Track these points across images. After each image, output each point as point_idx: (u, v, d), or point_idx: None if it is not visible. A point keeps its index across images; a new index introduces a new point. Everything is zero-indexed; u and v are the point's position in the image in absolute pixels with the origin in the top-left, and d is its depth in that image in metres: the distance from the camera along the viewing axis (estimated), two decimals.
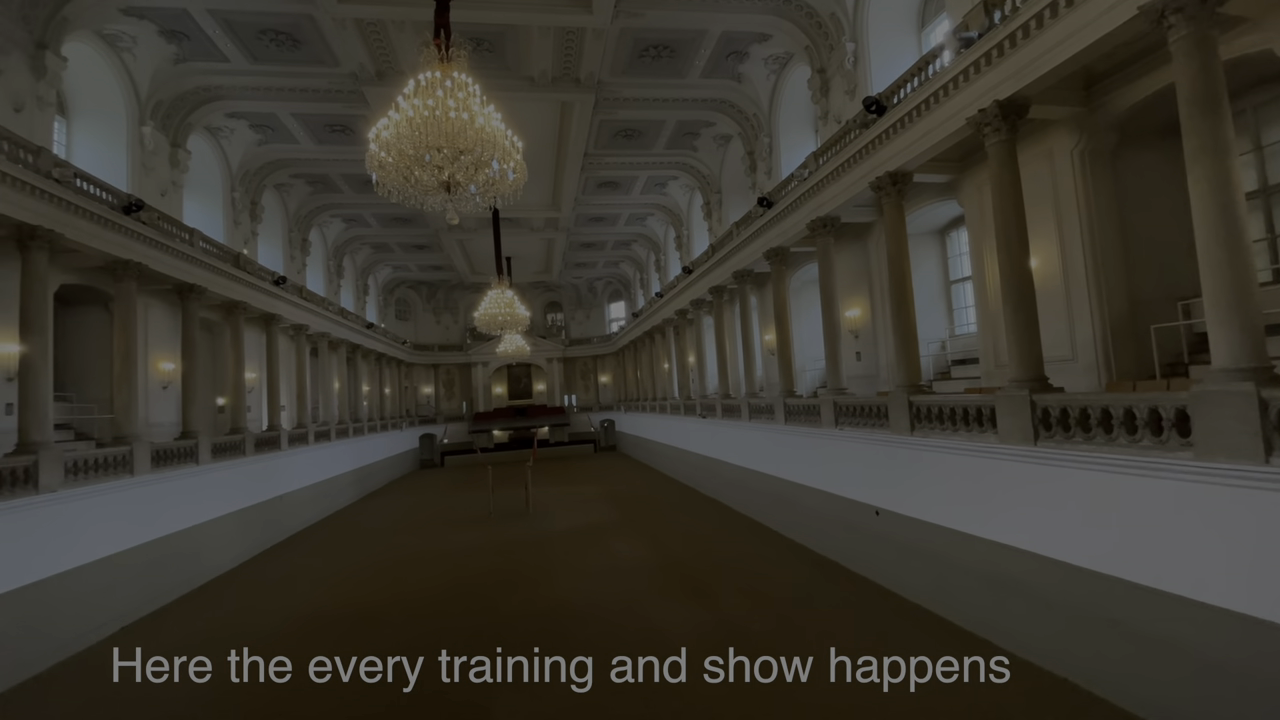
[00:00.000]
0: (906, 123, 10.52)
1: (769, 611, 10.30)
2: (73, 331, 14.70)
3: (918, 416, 10.28)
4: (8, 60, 12.71)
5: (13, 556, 9.45)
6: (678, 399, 26.97)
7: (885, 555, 11.13)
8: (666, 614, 10.34)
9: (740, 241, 18.20)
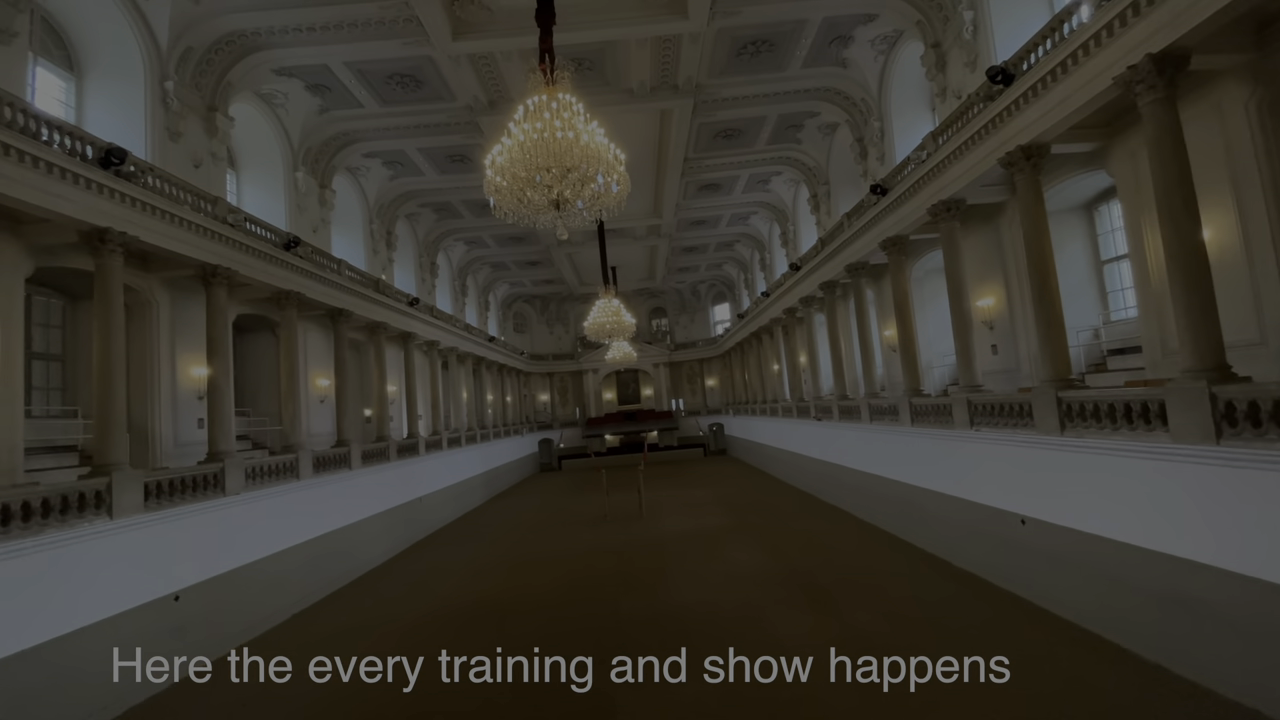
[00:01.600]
0: (1040, 90, 9.51)
1: (900, 624, 9.65)
2: (248, 355, 16.96)
3: (1068, 414, 9.20)
4: (187, 124, 14.94)
5: (207, 550, 11.03)
6: (789, 401, 26.17)
7: (1035, 568, 10.04)
8: (787, 623, 10.01)
9: (852, 233, 17.33)
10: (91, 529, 8.73)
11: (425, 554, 18.41)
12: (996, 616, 9.67)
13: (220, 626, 10.92)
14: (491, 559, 16.78)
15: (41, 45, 12.60)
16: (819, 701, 7.37)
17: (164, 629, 9.73)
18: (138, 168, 10.66)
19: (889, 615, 10.06)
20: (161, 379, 13.07)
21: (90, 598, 8.60)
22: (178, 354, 13.57)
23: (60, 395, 12.06)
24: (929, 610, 10.18)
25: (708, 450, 43.15)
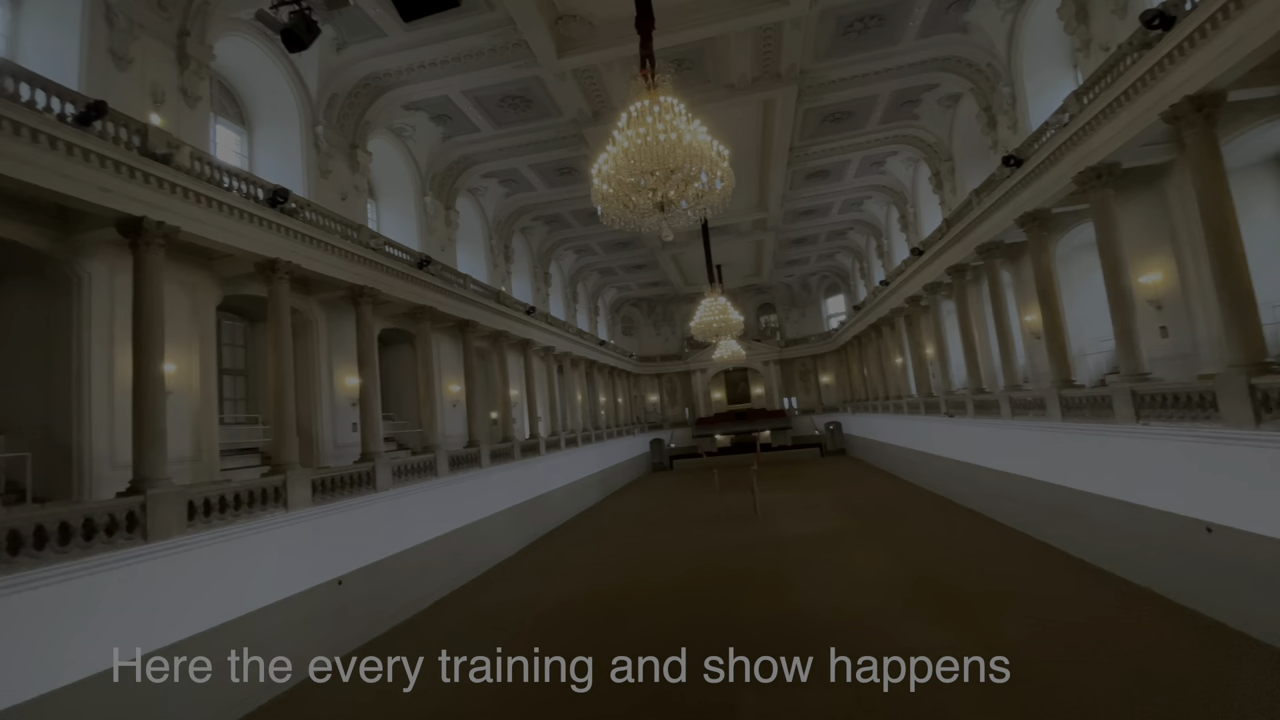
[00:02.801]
0: (1209, 30, 8.24)
1: (1048, 638, 8.72)
2: (390, 365, 18.73)
3: (1265, 404, 7.85)
4: (334, 162, 16.78)
5: (363, 540, 12.29)
6: (915, 396, 24.52)
7: (1226, 584, 8.66)
8: (919, 632, 9.40)
9: (983, 210, 15.92)
10: (272, 520, 10.06)
11: (549, 549, 19.30)
12: (1176, 637, 8.44)
13: (375, 609, 12.14)
14: (611, 556, 17.24)
15: (219, 105, 14.74)
16: (954, 717, 6.83)
17: (330, 610, 10.98)
18: (298, 204, 12.15)
19: (1035, 627, 9.14)
20: (322, 388, 14.78)
21: (272, 579, 9.90)
22: (334, 366, 15.28)
23: (244, 405, 14.01)
24: (1086, 626, 9.09)
25: (825, 450, 41.50)
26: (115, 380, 9.71)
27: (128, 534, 7.81)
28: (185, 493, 8.73)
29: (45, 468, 9.18)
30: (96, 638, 7.19)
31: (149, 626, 7.79)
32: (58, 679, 6.71)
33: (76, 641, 6.97)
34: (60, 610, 6.88)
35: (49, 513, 7.09)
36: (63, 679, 6.75)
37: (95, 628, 7.20)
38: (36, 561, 6.72)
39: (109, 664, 7.23)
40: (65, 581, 6.94)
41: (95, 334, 9.71)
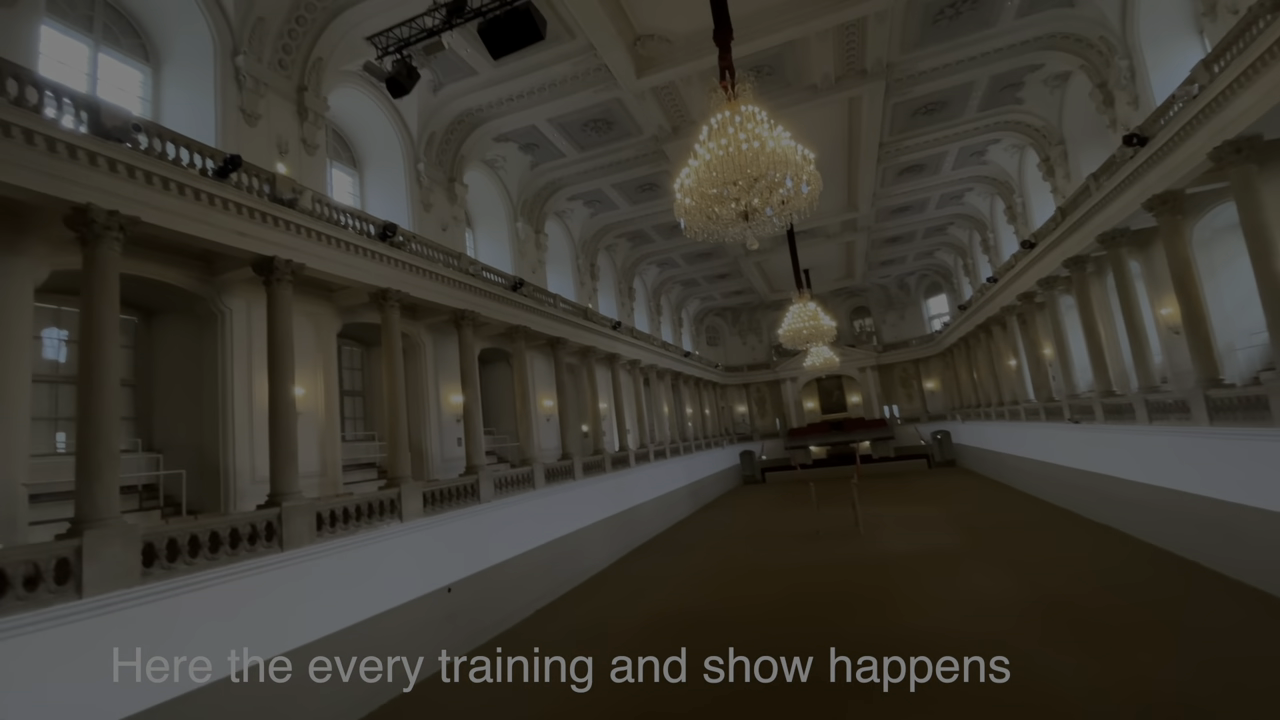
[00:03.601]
0: None
1: (1217, 677, 7.68)
2: (489, 382, 19.69)
3: None
4: (434, 196, 17.98)
5: (469, 549, 12.92)
6: (1034, 401, 22.61)
7: None
8: (1052, 661, 8.58)
9: (1103, 196, 14.53)
10: (389, 530, 10.82)
11: (641, 561, 19.39)
12: None
13: (481, 617, 12.70)
14: (705, 571, 17.07)
15: (334, 151, 16.25)
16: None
17: (440, 616, 11.61)
18: (405, 237, 13.13)
19: (1195, 662, 8.07)
20: (430, 406, 15.77)
21: (391, 586, 10.62)
22: (440, 385, 16.28)
23: (362, 423, 15.20)
24: (1258, 663, 7.94)
25: (932, 461, 38.98)
26: (254, 404, 10.87)
27: (266, 543, 8.67)
28: (314, 505, 9.59)
29: (197, 483, 10.41)
30: (238, 637, 8.01)
31: (282, 629, 8.59)
32: (203, 678, 7.51)
33: (220, 641, 7.80)
34: (208, 612, 7.73)
35: (202, 524, 8.02)
36: (206, 678, 7.54)
37: (237, 629, 8.02)
38: (191, 568, 7.60)
39: (250, 662, 8.03)
40: (212, 586, 7.80)
41: (236, 363, 10.94)
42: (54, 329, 9.70)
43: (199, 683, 7.32)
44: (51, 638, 6.21)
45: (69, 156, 7.36)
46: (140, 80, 12.15)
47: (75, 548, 6.56)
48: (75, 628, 6.39)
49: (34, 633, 6.07)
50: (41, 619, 6.15)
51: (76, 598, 6.46)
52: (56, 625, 6.26)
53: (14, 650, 5.90)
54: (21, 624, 5.98)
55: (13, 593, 6.00)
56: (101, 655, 6.55)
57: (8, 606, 5.92)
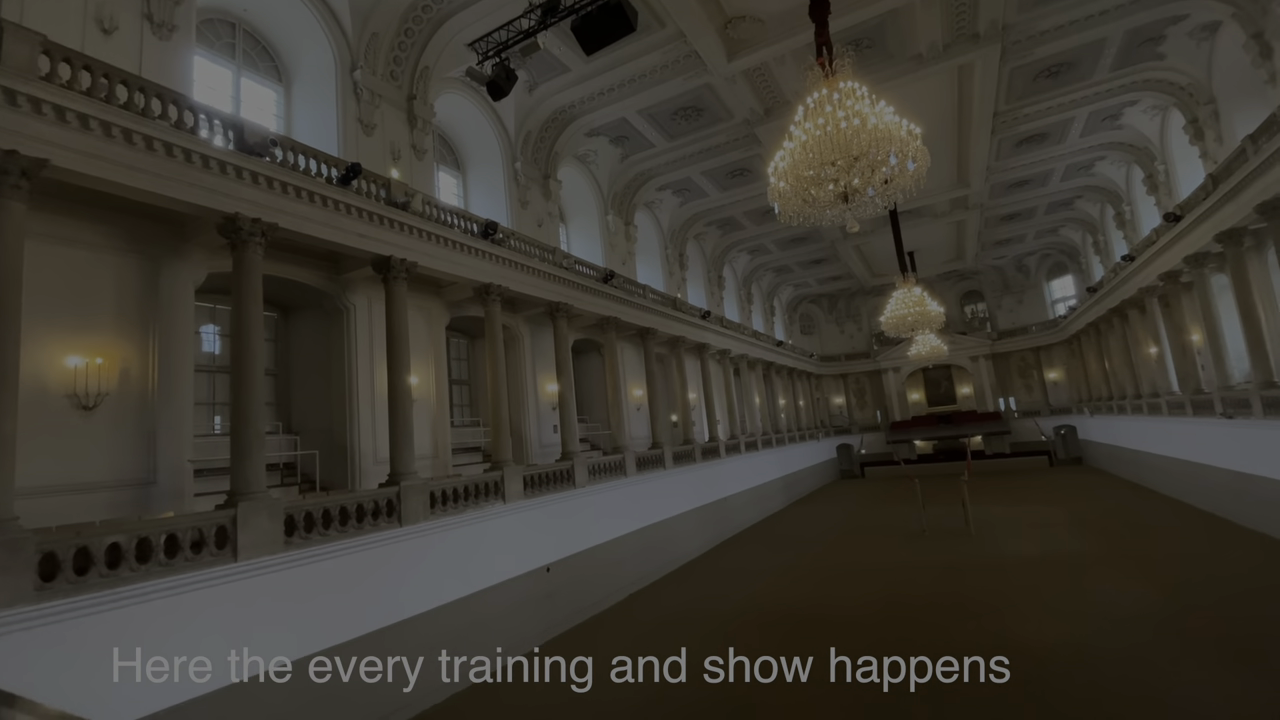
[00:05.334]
0: None
1: None
2: (582, 372, 20.22)
3: None
4: (530, 194, 18.61)
5: (566, 532, 13.40)
6: (1178, 394, 20.13)
7: None
8: (1199, 679, 7.67)
9: (1263, 160, 12.61)
10: (493, 510, 11.44)
11: (732, 553, 19.24)
12: None
13: (577, 598, 13.16)
14: (799, 566, 16.67)
15: (439, 154, 17.22)
16: None
17: (540, 594, 12.14)
18: (504, 234, 13.73)
19: None
20: (528, 394, 16.46)
21: (495, 563, 11.24)
22: (537, 374, 16.94)
23: (468, 410, 16.13)
24: None
25: (1054, 459, 35.69)
26: (375, 391, 11.82)
27: (387, 518, 9.44)
28: (428, 484, 10.32)
29: (328, 462, 11.48)
30: (362, 603, 8.79)
31: (399, 598, 9.32)
32: (334, 638, 8.30)
33: (347, 606, 8.58)
34: (339, 577, 8.53)
35: (333, 499, 8.86)
36: (337, 639, 8.33)
37: (361, 595, 8.80)
38: (324, 539, 8.42)
39: (372, 626, 8.78)
40: (342, 556, 8.60)
41: (359, 354, 11.93)
42: (210, 325, 11.03)
43: (333, 642, 8.12)
44: (214, 594, 7.11)
45: (220, 171, 8.32)
46: (274, 99, 13.48)
47: (231, 517, 7.47)
48: (233, 587, 7.28)
49: (199, 589, 6.98)
50: (208, 578, 7.06)
51: (233, 560, 7.36)
52: (218, 584, 7.16)
53: (182, 605, 6.81)
54: (189, 582, 6.90)
55: (182, 554, 6.92)
56: (255, 612, 7.43)
57: (178, 566, 6.84)
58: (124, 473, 8.33)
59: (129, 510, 8.17)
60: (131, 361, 8.62)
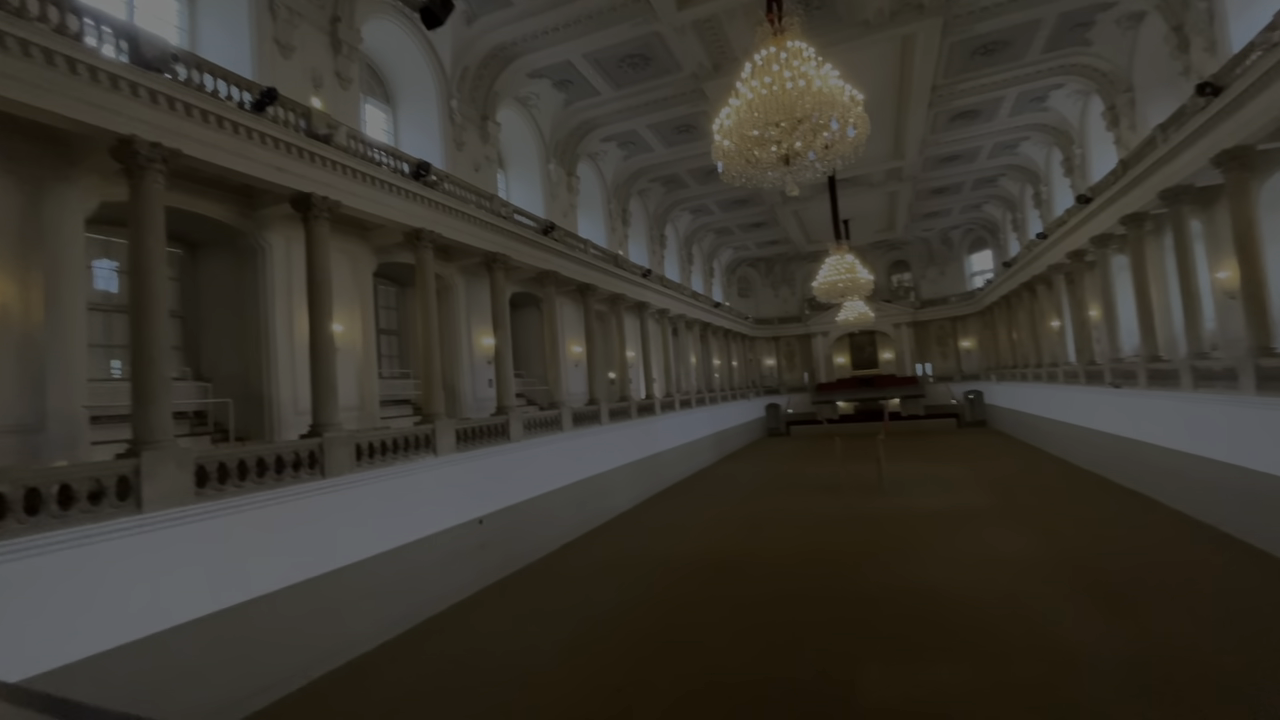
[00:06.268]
0: None
1: (1226, 636, 7.66)
2: (519, 326, 19.88)
3: None
4: (467, 134, 17.71)
5: (499, 485, 13.39)
6: (1075, 364, 21.96)
7: None
8: (1060, 617, 8.66)
9: (1170, 148, 13.60)
10: (423, 463, 11.24)
11: (664, 505, 19.87)
12: None
13: (510, 549, 13.28)
14: (726, 517, 17.42)
15: (367, 86, 16.04)
16: (1097, 712, 6.26)
17: (472, 545, 12.17)
18: (437, 176, 13.06)
19: (1211, 626, 8.04)
20: (462, 347, 16.05)
21: (426, 515, 11.12)
22: (472, 327, 16.50)
23: (397, 361, 15.58)
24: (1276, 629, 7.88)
25: (962, 420, 38.53)
26: (295, 338, 11.20)
27: (309, 470, 9.10)
28: (354, 436, 9.99)
29: (243, 412, 10.88)
30: (285, 556, 8.54)
31: (325, 550, 9.11)
32: (253, 591, 8.06)
33: (268, 558, 8.32)
34: (257, 531, 8.22)
35: (249, 450, 8.43)
36: (255, 592, 8.09)
37: (284, 548, 8.53)
38: (240, 490, 8.05)
39: (297, 578, 8.58)
40: (261, 508, 8.27)
41: (277, 298, 11.21)
42: (105, 260, 10.03)
43: (250, 595, 7.88)
44: (117, 548, 6.70)
45: (111, 86, 7.42)
46: (175, 9, 12.05)
47: (134, 467, 6.99)
48: (138, 539, 6.88)
49: (101, 542, 6.56)
50: (108, 530, 6.62)
51: (137, 512, 6.93)
52: (121, 537, 6.74)
53: (83, 559, 6.39)
54: (89, 534, 6.46)
55: (78, 506, 6.45)
56: (161, 566, 7.07)
57: (73, 519, 6.38)
58: (4, 418, 7.60)
59: (13, 459, 7.50)
60: (10, 296, 7.75)
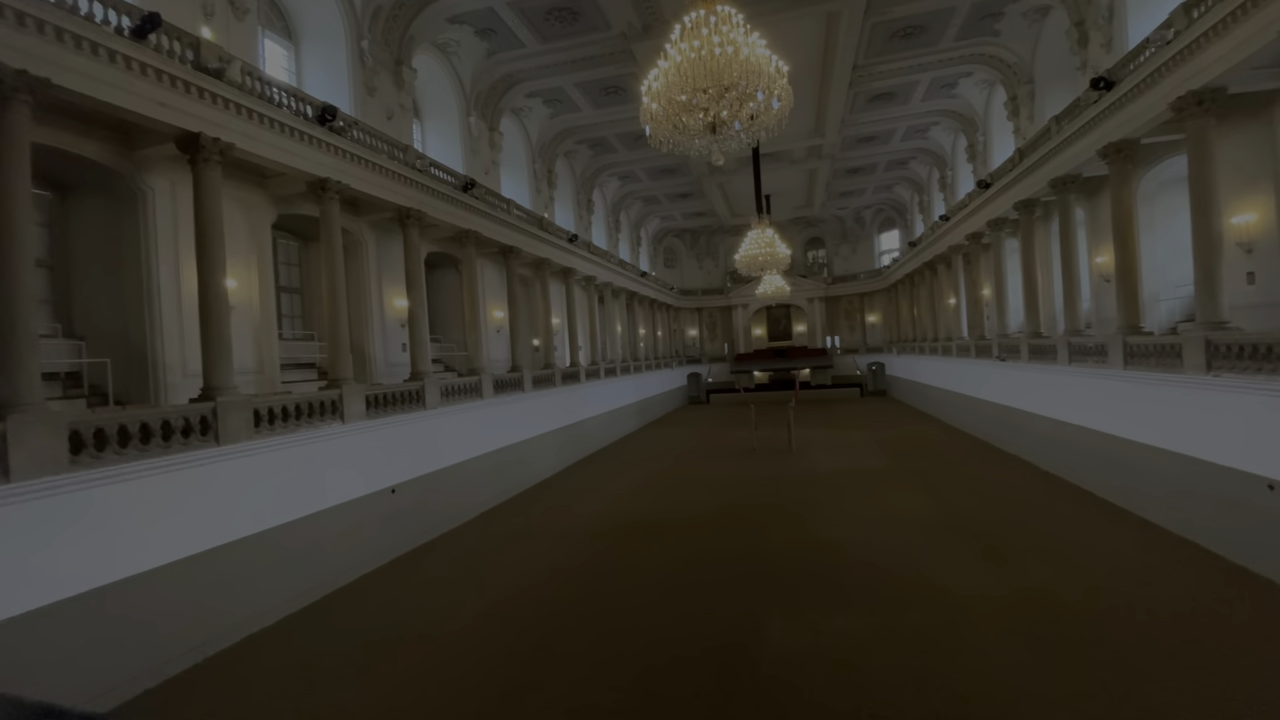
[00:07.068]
0: None
1: (1084, 582, 8.69)
2: (437, 289, 19.05)
3: None
4: (379, 80, 16.48)
5: (414, 453, 12.95)
6: (967, 339, 23.72)
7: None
8: (947, 569, 9.49)
9: (1062, 139, 14.69)
10: (330, 430, 10.64)
11: (587, 471, 19.99)
12: (1219, 592, 8.28)
13: (425, 518, 12.95)
14: (646, 482, 17.76)
15: (266, 18, 14.51)
16: (977, 651, 6.97)
17: (384, 514, 11.75)
18: (345, 122, 12.08)
19: (1069, 574, 9.08)
20: (372, 308, 15.19)
21: (333, 484, 10.59)
22: (384, 287, 15.63)
23: (301, 322, 14.56)
24: (1125, 574, 9.01)
25: (865, 390, 41.04)
26: (183, 293, 10.18)
27: (201, 437, 8.40)
28: (251, 401, 9.28)
29: (124, 373, 9.84)
30: (175, 527, 7.90)
31: (221, 521, 8.50)
32: (141, 564, 7.43)
33: (154, 530, 7.67)
34: (140, 503, 7.53)
35: (130, 414, 7.65)
36: (144, 565, 7.47)
37: (173, 519, 7.89)
38: (121, 458, 7.32)
39: (186, 552, 7.97)
40: (146, 477, 7.57)
41: (162, 248, 10.11)
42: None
43: (136, 569, 7.25)
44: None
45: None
46: None
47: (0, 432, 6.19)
48: (6, 510, 6.12)
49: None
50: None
51: (4, 482, 6.16)
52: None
53: None
54: None
55: None
56: (35, 541, 6.35)
57: None
58: None
59: None
60: None
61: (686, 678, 6.73)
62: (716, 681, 6.62)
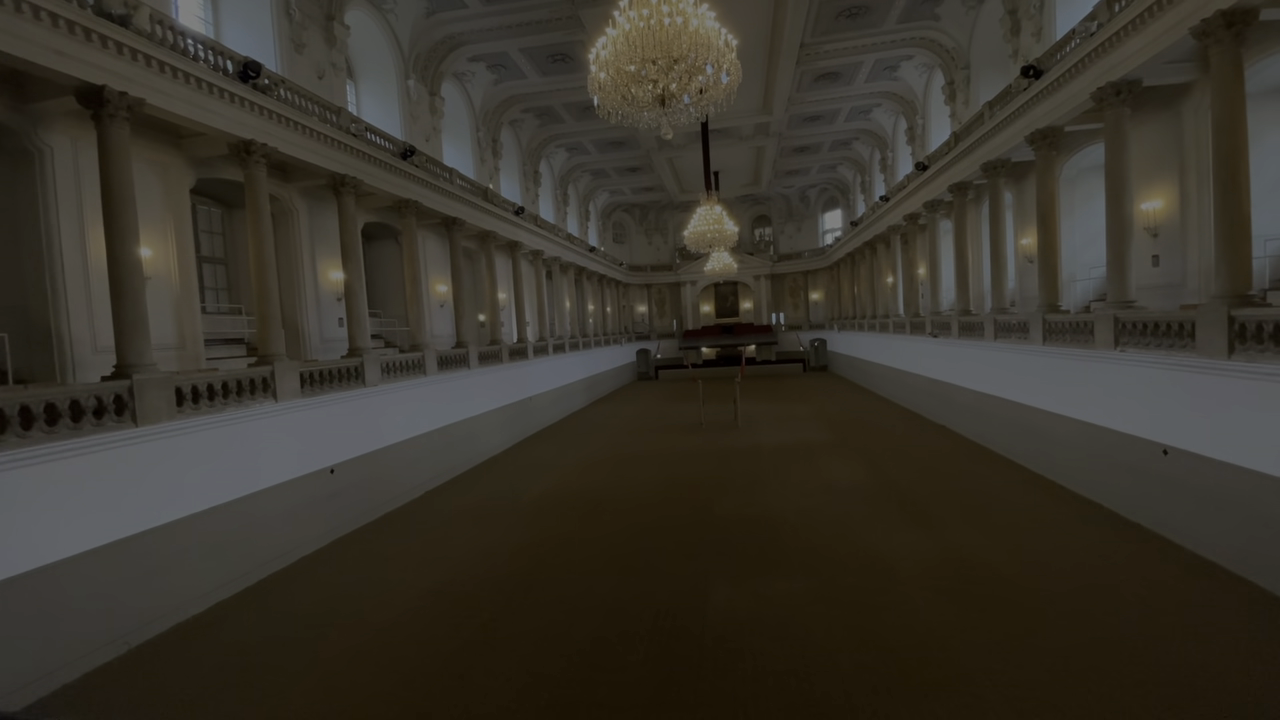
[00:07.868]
0: None
1: (1004, 542, 9.36)
2: (376, 261, 18.30)
3: (1240, 335, 8.02)
4: (308, 35, 15.45)
5: (354, 432, 12.54)
6: (903, 316, 24.70)
7: (1173, 502, 9.22)
8: (883, 535, 10.00)
9: (995, 125, 15.31)
10: (262, 410, 10.15)
11: (535, 448, 19.89)
12: (1118, 548, 9.07)
13: (367, 498, 12.61)
14: (594, 457, 17.84)
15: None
16: (908, 609, 7.42)
17: (323, 495, 11.37)
18: (271, 80, 11.29)
19: (991, 535, 9.75)
20: (305, 281, 14.46)
21: (267, 465, 10.15)
22: (318, 259, 14.88)
23: (226, 295, 13.73)
24: (1040, 533, 9.74)
25: (808, 366, 42.31)
26: (90, 262, 9.40)
27: (116, 418, 7.85)
28: (173, 379, 8.71)
29: (25, 350, 9.06)
30: (92, 513, 7.41)
31: (143, 506, 8.03)
32: (53, 554, 6.96)
33: (66, 518, 7.18)
34: (49, 489, 7.01)
35: (33, 394, 7.06)
36: (57, 554, 7.00)
37: (87, 507, 7.39)
38: (25, 441, 6.76)
39: (107, 539, 7.50)
40: (55, 461, 7.04)
41: (64, 212, 9.28)
42: None
43: (43, 561, 6.77)
44: None
45: None
46: None
47: None
48: None
49: None
50: None
51: None
52: None
53: None
54: None
55: None
56: None
57: None
58: None
59: None
60: None
61: (634, 645, 6.87)
62: (664, 647, 6.79)
